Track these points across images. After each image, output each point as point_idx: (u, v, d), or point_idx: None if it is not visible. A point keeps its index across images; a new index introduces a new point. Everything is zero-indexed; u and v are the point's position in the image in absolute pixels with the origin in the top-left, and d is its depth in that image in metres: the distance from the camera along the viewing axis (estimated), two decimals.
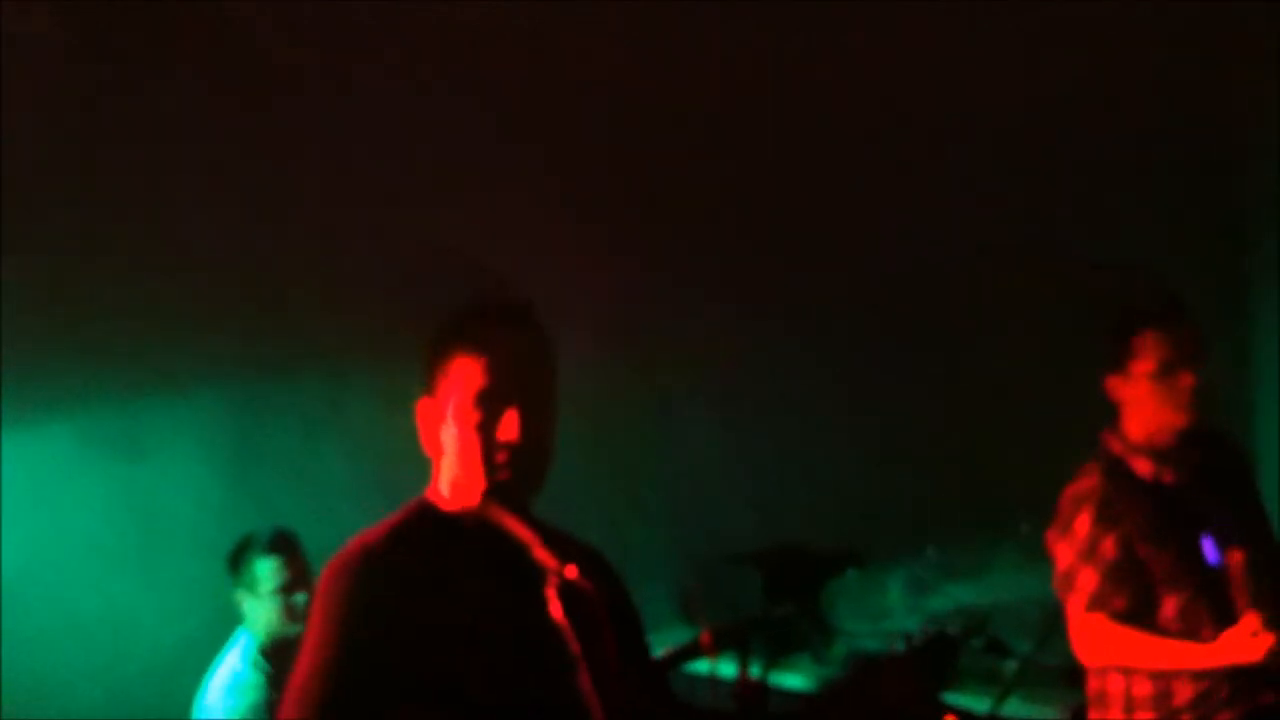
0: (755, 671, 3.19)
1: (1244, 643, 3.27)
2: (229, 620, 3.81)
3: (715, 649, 3.15)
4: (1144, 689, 3.47)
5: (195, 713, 3.76)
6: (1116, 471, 3.51)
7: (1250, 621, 3.26)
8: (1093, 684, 3.59)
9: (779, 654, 4.03)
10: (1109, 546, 3.45)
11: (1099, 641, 3.46)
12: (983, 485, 4.02)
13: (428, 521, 2.39)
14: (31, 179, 3.90)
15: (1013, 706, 3.89)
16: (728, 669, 3.28)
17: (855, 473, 5.45)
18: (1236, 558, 3.37)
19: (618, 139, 5.19)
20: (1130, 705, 3.50)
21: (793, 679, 4.52)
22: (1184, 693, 3.42)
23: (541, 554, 2.25)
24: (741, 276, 5.50)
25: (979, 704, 4.07)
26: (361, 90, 4.66)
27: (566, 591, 2.26)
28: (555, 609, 2.22)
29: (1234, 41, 6.10)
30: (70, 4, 4.06)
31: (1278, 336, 6.46)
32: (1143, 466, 3.54)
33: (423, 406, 2.39)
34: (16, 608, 3.81)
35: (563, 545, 2.33)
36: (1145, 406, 3.52)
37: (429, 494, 2.42)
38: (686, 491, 5.23)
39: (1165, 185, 6.30)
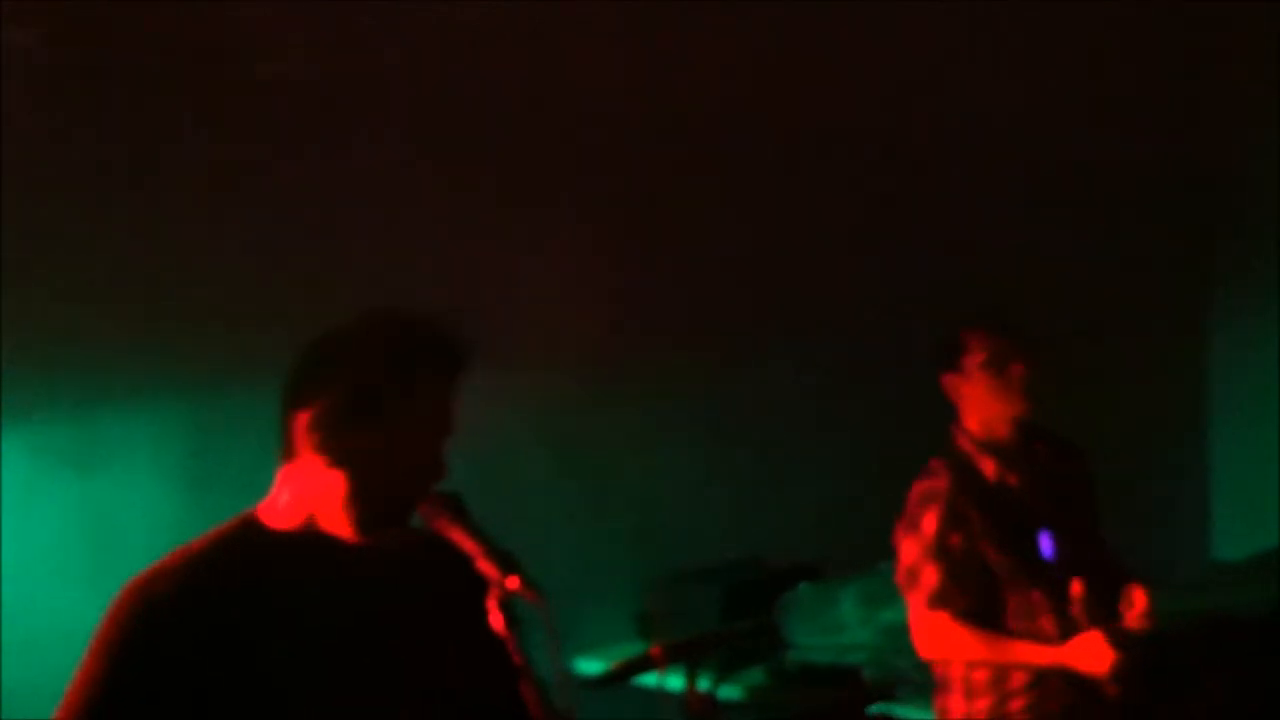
0: (705, 685, 3.22)
1: (1091, 652, 3.40)
2: None
3: (666, 662, 3.17)
4: (982, 674, 3.63)
5: None
6: (963, 473, 3.65)
7: (1098, 636, 3.40)
8: (937, 670, 3.73)
9: (731, 668, 4.06)
10: (953, 545, 3.59)
11: (940, 638, 3.59)
12: None
13: (251, 542, 2.27)
14: None
15: None
16: (678, 682, 3.30)
17: (830, 487, 5.54)
18: (1078, 589, 3.49)
19: (606, 158, 5.25)
20: (970, 690, 3.64)
21: (743, 693, 4.56)
22: (1019, 677, 3.57)
23: (485, 565, 2.27)
24: (722, 290, 5.55)
25: (924, 715, 4.11)
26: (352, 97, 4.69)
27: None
28: (496, 620, 2.25)
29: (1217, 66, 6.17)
30: (69, 14, 4.09)
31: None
32: (988, 467, 3.68)
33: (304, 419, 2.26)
34: None
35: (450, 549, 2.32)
36: (981, 398, 3.75)
37: (259, 511, 2.32)
38: (652, 503, 5.26)
39: (1151, 192, 6.36)
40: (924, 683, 4.08)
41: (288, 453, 2.31)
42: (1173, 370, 6.77)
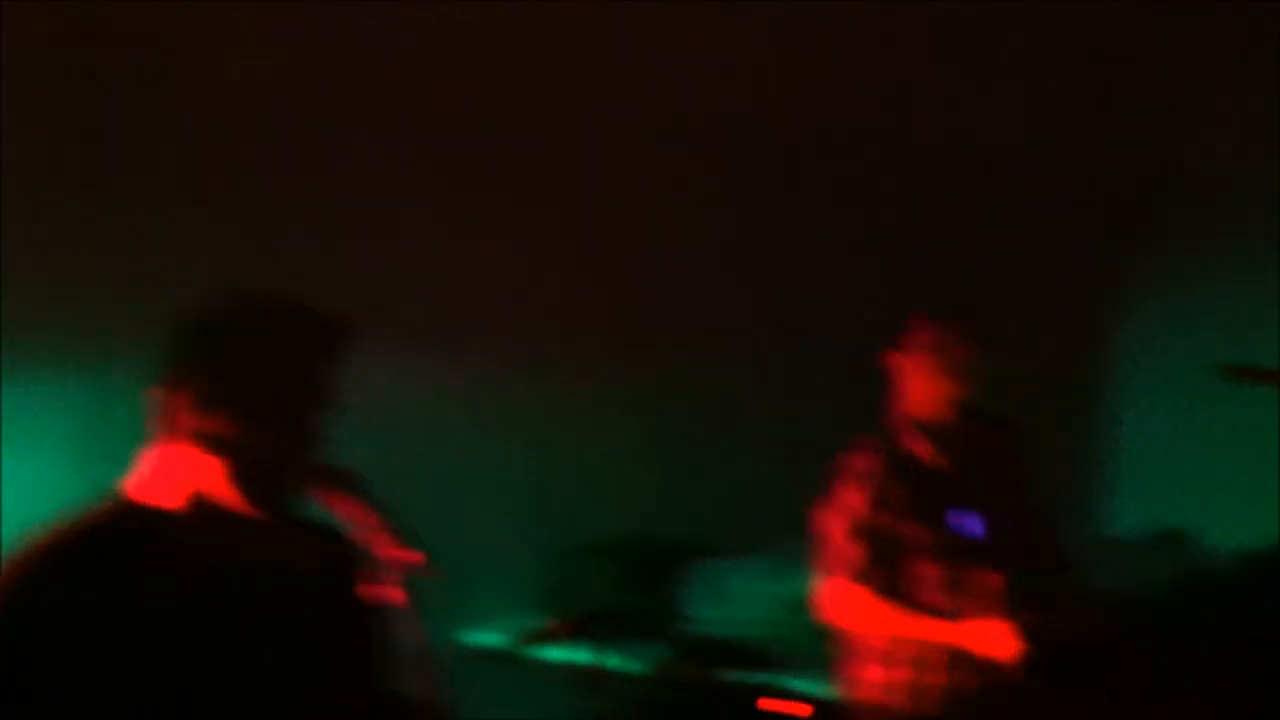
0: (603, 658, 3.18)
1: (998, 638, 3.46)
2: None
3: (564, 635, 3.16)
4: (901, 647, 3.69)
5: None
6: (892, 453, 3.64)
7: (1004, 623, 3.50)
8: (851, 640, 3.82)
9: (629, 641, 4.04)
10: (876, 523, 3.60)
11: (857, 611, 3.61)
12: None
13: (125, 521, 2.19)
14: None
15: None
16: (577, 655, 3.28)
17: (743, 471, 5.46)
18: (996, 582, 3.53)
19: (606, 158, 5.25)
20: (889, 659, 3.64)
21: (640, 665, 4.48)
22: (934, 653, 3.59)
23: (378, 538, 2.24)
24: (721, 289, 5.54)
25: (818, 686, 4.12)
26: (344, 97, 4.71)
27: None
28: (391, 593, 2.23)
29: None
30: (69, 14, 4.11)
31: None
32: (918, 449, 3.68)
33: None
34: None
35: (308, 530, 2.30)
36: (922, 377, 3.73)
37: (129, 489, 2.23)
38: (555, 481, 5.20)
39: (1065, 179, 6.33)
40: (818, 655, 4.06)
41: (158, 433, 2.23)
42: (1074, 351, 6.71)
